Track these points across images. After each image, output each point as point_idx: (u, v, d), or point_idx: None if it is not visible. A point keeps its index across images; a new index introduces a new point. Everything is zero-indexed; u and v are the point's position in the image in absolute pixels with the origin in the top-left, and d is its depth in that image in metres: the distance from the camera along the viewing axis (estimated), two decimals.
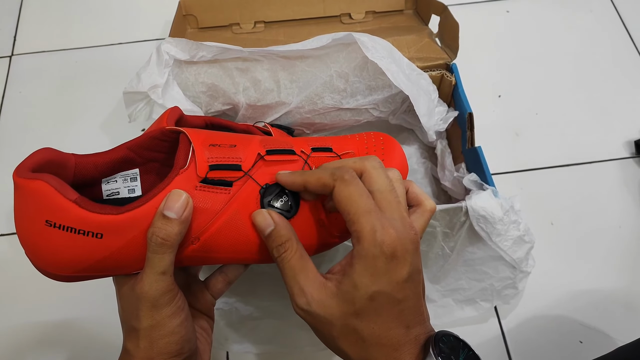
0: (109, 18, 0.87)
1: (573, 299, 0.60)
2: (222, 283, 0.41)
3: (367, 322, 0.31)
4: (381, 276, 0.30)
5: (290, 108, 0.57)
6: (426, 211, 0.35)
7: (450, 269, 0.54)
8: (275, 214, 0.34)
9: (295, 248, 0.33)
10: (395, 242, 0.30)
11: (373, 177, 0.32)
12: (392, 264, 0.30)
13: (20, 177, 0.30)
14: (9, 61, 0.83)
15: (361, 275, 0.30)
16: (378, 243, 0.29)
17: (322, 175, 0.33)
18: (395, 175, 0.34)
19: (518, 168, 0.70)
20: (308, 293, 0.31)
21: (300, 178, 0.34)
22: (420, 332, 0.32)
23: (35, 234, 0.31)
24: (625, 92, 0.76)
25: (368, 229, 0.30)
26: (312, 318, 0.32)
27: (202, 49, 0.55)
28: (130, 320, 0.34)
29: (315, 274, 0.32)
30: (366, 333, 0.31)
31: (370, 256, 0.30)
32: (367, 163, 0.33)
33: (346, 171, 0.32)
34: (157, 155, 0.39)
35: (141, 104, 0.55)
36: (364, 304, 0.30)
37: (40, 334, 0.61)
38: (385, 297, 0.30)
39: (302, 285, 0.32)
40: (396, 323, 0.31)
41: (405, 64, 0.56)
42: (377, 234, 0.30)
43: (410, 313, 0.32)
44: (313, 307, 0.31)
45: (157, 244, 0.31)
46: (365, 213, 0.30)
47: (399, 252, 0.30)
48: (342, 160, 0.35)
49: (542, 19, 0.83)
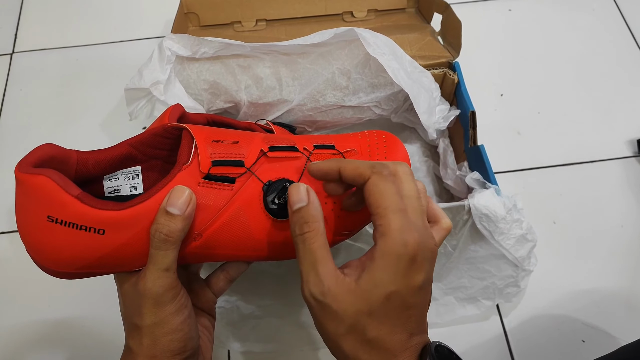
0: (110, 16, 0.87)
1: (575, 298, 0.60)
2: (223, 281, 0.41)
3: (377, 322, 0.30)
4: (401, 277, 0.30)
5: (292, 106, 0.57)
6: (443, 229, 0.35)
7: (453, 267, 0.54)
8: (313, 192, 0.33)
9: (321, 232, 0.32)
10: (417, 246, 0.30)
11: (404, 182, 0.32)
12: (412, 267, 0.30)
13: (22, 172, 0.30)
14: (9, 59, 0.82)
15: (383, 271, 0.30)
16: (403, 242, 0.29)
17: (360, 165, 0.32)
18: (422, 186, 0.34)
19: (520, 167, 0.70)
20: (325, 284, 0.30)
21: (336, 164, 0.34)
22: (419, 342, 0.32)
23: (37, 230, 0.31)
24: (627, 91, 0.75)
25: (396, 226, 0.30)
26: (322, 309, 0.31)
27: (204, 45, 0.55)
28: (133, 317, 0.34)
29: (333, 265, 0.31)
30: (372, 334, 0.30)
31: (394, 253, 0.29)
32: (399, 168, 0.33)
33: (385, 167, 0.32)
34: (160, 153, 0.39)
35: (143, 102, 0.55)
36: (379, 303, 0.30)
37: (41, 332, 0.61)
38: (399, 300, 0.30)
39: (320, 274, 0.31)
40: (402, 328, 0.31)
41: (408, 61, 0.56)
42: (404, 234, 0.29)
43: (416, 321, 0.32)
44: (328, 299, 0.30)
45: (160, 240, 0.31)
46: (395, 210, 0.30)
47: (419, 257, 0.30)
48: (373, 162, 0.34)
49: (544, 18, 0.83)
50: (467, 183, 0.53)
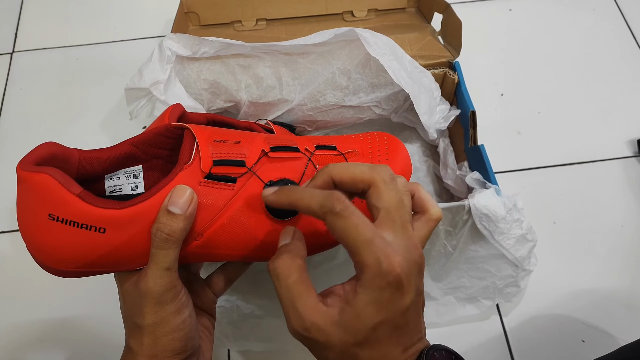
0: (110, 15, 0.87)
1: (575, 298, 0.60)
2: (223, 281, 0.41)
3: (368, 349, 0.29)
4: (386, 306, 0.28)
5: (293, 105, 0.57)
6: (431, 220, 0.33)
7: (453, 267, 0.54)
8: (299, 233, 0.33)
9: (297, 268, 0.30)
10: (401, 269, 0.28)
11: (382, 192, 0.30)
12: (398, 293, 0.28)
13: (24, 170, 0.30)
14: (10, 58, 0.82)
15: (365, 307, 0.28)
16: (384, 274, 0.28)
17: (311, 204, 0.30)
18: (401, 183, 0.32)
19: (520, 167, 0.70)
20: (307, 319, 0.29)
21: (287, 200, 0.32)
22: (415, 351, 0.31)
23: (38, 228, 0.31)
24: (627, 90, 0.75)
25: (371, 260, 0.28)
26: (309, 343, 0.30)
27: (205, 45, 0.55)
28: (134, 317, 0.34)
29: (314, 299, 0.30)
30: (365, 358, 0.30)
31: (375, 287, 0.28)
32: (376, 176, 0.31)
33: (336, 201, 0.29)
34: (161, 152, 0.39)
35: (143, 101, 0.55)
36: (366, 334, 0.29)
37: (41, 331, 0.61)
38: (388, 326, 0.29)
39: (300, 311, 0.29)
40: (395, 346, 0.30)
41: (408, 61, 0.56)
42: (383, 265, 0.27)
43: (410, 336, 0.31)
44: (312, 333, 0.29)
45: (161, 239, 0.31)
46: (366, 244, 0.28)
47: (404, 280, 0.28)
48: (348, 165, 0.32)
49: (545, 18, 0.83)
50: (467, 183, 0.53)
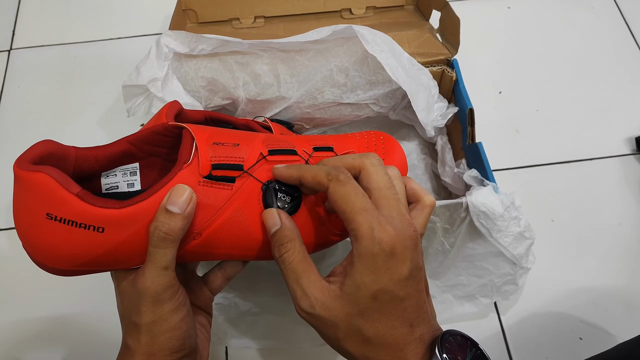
0: (107, 13, 0.87)
1: (573, 296, 0.60)
2: (221, 279, 0.41)
3: (372, 321, 0.31)
4: (382, 274, 0.30)
5: (290, 103, 0.57)
6: (426, 207, 0.35)
7: (450, 264, 0.54)
8: (284, 214, 0.34)
9: (298, 249, 0.32)
10: (393, 240, 0.30)
11: (371, 174, 0.32)
12: (392, 261, 0.30)
13: (21, 169, 0.30)
14: (7, 55, 0.82)
15: (363, 274, 0.30)
16: (376, 241, 0.29)
17: (318, 173, 0.32)
18: (394, 172, 0.34)
19: (518, 164, 0.70)
20: (311, 295, 0.31)
21: (297, 172, 0.34)
22: (425, 331, 0.32)
23: (35, 227, 0.31)
24: (625, 88, 0.75)
25: (365, 227, 0.30)
26: (316, 320, 0.32)
27: (202, 42, 0.54)
28: (131, 315, 0.34)
29: (317, 276, 0.32)
30: (371, 333, 0.31)
31: (369, 254, 0.30)
32: (365, 160, 0.33)
33: (341, 171, 0.32)
34: (159, 150, 0.39)
35: (140, 98, 0.55)
36: (367, 304, 0.30)
37: (39, 329, 0.61)
38: (388, 296, 0.30)
39: (304, 287, 0.31)
40: (400, 322, 0.31)
41: (406, 58, 0.56)
42: (375, 232, 0.29)
43: (414, 311, 0.31)
44: (317, 309, 0.31)
45: (159, 238, 0.31)
46: (361, 211, 0.30)
47: (398, 250, 0.30)
48: (341, 156, 0.35)
49: (543, 16, 0.83)
50: (465, 180, 0.53)
